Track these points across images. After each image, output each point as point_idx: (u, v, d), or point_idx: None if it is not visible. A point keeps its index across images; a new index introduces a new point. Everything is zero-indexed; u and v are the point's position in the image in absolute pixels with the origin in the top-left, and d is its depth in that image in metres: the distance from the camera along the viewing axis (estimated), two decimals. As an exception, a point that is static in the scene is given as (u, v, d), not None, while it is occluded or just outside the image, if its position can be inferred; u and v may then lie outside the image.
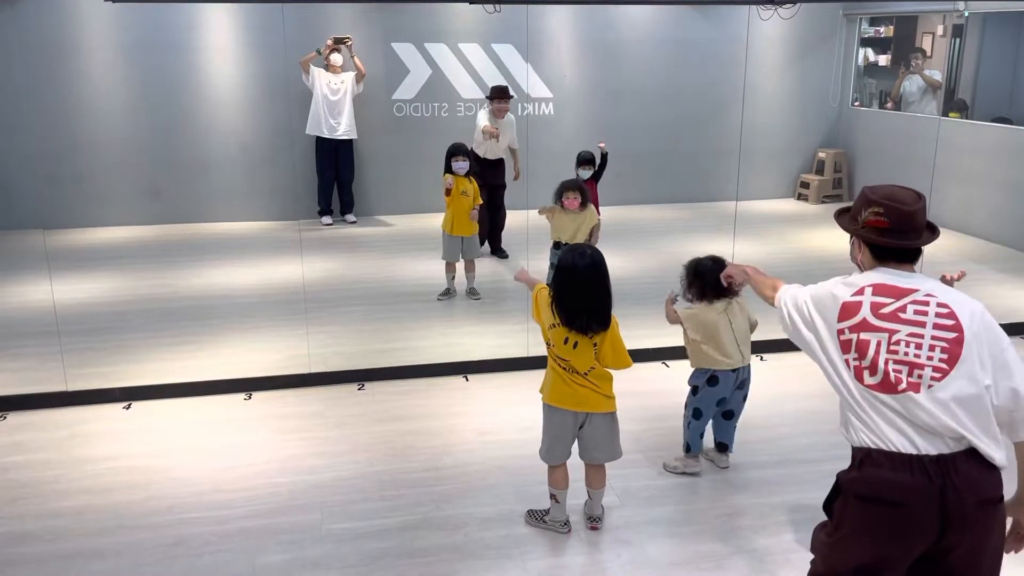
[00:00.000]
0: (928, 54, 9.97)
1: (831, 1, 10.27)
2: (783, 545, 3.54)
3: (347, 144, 9.20)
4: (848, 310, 2.37)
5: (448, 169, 6.54)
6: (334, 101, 9.00)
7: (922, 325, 2.28)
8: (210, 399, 4.92)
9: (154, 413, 4.77)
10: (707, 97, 10.16)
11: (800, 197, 10.74)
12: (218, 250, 8.30)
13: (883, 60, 10.71)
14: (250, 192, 9.42)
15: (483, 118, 7.72)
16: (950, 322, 2.28)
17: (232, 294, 6.91)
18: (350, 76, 9.04)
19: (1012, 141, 8.45)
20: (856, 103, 10.71)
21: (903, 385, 2.25)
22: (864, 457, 2.30)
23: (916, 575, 2.33)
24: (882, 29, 10.59)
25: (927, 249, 2.47)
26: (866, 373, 2.30)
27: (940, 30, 10.02)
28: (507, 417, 4.69)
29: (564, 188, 6.10)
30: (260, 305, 6.59)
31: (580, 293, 3.28)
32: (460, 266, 6.72)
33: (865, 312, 2.33)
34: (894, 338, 2.29)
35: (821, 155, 10.64)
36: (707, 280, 3.92)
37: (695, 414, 4.06)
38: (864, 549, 2.30)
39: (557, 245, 6.20)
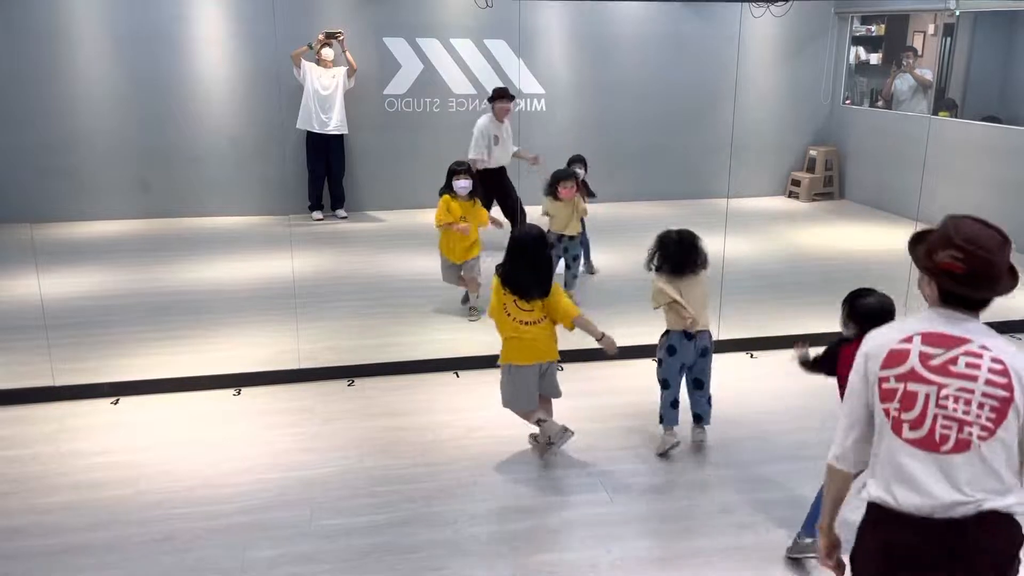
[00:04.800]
0: (919, 53, 10.00)
1: (823, -1, 10.31)
2: (773, 542, 3.55)
3: (338, 139, 9.16)
4: (894, 358, 2.18)
5: (448, 188, 5.99)
6: (325, 96, 8.96)
7: (973, 379, 2.11)
8: (199, 394, 4.90)
9: (142, 408, 4.74)
10: (699, 94, 10.17)
11: (791, 195, 10.76)
12: (207, 245, 8.26)
13: (874, 58, 10.73)
14: (240, 186, 9.38)
15: (485, 124, 7.58)
16: (1003, 380, 2.11)
17: (221, 289, 6.88)
18: (341, 71, 9.01)
19: (1001, 140, 8.49)
20: (847, 101, 10.74)
21: (948, 445, 2.11)
22: (876, 512, 2.21)
23: None
24: (873, 28, 10.62)
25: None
26: (906, 427, 2.15)
27: (931, 29, 10.05)
28: (497, 413, 4.66)
29: (557, 178, 6.14)
30: (250, 300, 6.56)
31: (527, 263, 3.96)
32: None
33: (913, 362, 2.16)
34: (943, 392, 2.12)
35: (812, 153, 10.66)
36: (669, 254, 4.13)
37: (663, 384, 4.24)
38: None
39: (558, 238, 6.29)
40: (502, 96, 7.64)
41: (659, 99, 10.17)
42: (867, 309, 3.32)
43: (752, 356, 5.48)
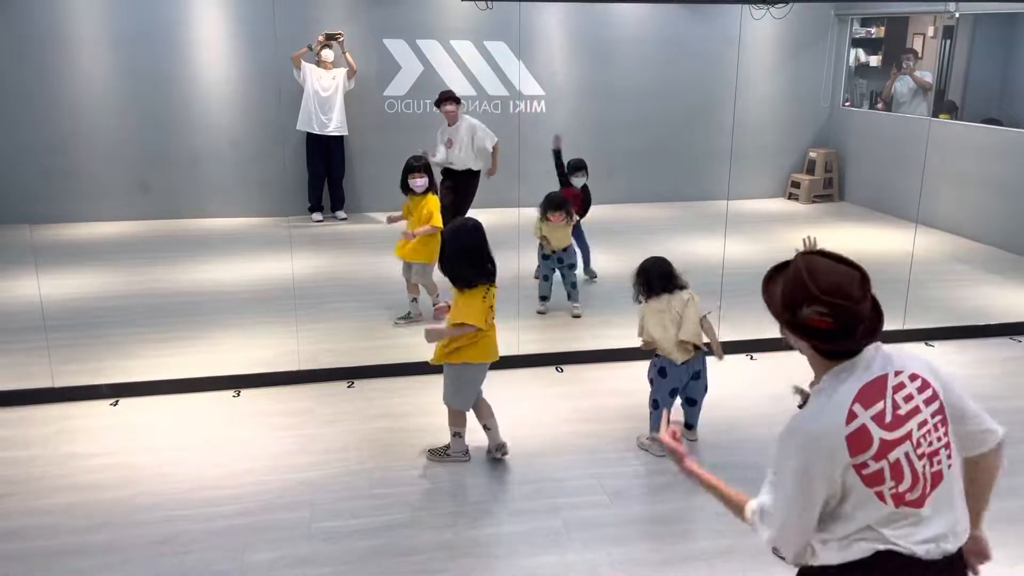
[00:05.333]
0: (919, 55, 10.01)
1: (823, 1, 10.30)
2: (772, 544, 3.54)
3: (338, 140, 9.17)
4: (858, 441, 1.98)
5: (405, 188, 5.98)
6: (325, 97, 8.97)
7: (919, 410, 2.03)
8: (199, 396, 4.90)
9: (142, 410, 4.74)
10: (699, 96, 10.18)
11: (791, 197, 10.77)
12: (207, 246, 8.26)
13: (874, 60, 10.75)
14: (240, 188, 9.38)
15: (441, 128, 7.78)
16: (930, 392, 2.06)
17: (221, 290, 6.88)
18: (341, 72, 9.01)
19: (1001, 142, 8.49)
20: (847, 103, 10.75)
21: (928, 487, 2.02)
22: (877, 560, 2.03)
23: None
24: (873, 30, 10.64)
25: (918, 250, 2.34)
26: (908, 495, 2.00)
27: (931, 31, 10.06)
28: (496, 415, 4.67)
29: (548, 207, 6.15)
30: (250, 302, 6.55)
31: (480, 250, 3.94)
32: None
33: (877, 433, 1.99)
34: (914, 439, 2.01)
35: (812, 155, 10.67)
36: (650, 276, 4.19)
37: (653, 404, 4.26)
38: None
39: (546, 255, 6.30)
40: (445, 99, 7.65)
41: (659, 101, 10.18)
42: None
43: (752, 358, 5.47)
